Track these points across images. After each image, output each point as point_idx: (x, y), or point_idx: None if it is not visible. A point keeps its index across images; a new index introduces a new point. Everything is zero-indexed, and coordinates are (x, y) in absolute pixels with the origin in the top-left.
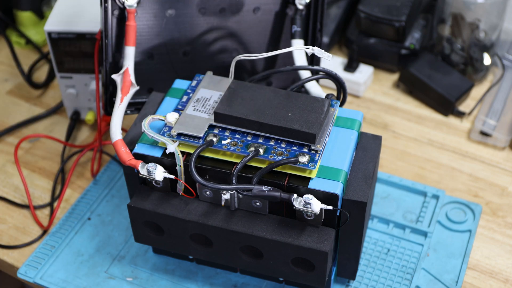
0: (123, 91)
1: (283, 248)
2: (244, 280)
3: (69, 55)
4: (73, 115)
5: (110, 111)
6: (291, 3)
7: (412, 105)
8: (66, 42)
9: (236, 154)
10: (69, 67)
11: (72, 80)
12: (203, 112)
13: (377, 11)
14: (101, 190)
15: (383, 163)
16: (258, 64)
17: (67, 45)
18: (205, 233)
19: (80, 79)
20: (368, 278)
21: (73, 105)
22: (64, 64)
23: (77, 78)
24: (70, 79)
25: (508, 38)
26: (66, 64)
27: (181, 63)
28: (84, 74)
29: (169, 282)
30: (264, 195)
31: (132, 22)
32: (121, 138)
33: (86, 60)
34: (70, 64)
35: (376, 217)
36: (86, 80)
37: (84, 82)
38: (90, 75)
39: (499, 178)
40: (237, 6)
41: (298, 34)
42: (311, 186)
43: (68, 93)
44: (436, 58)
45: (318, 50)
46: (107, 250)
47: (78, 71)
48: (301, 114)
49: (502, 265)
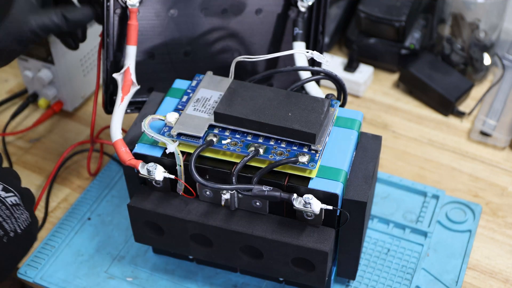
0: (123, 90)
1: (283, 248)
2: (244, 280)
3: None
4: (30, 97)
5: (110, 110)
6: (294, 6)
7: (412, 105)
8: None
9: (236, 154)
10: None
11: (28, 63)
12: (203, 112)
13: (377, 11)
14: (101, 190)
15: (383, 163)
16: (259, 65)
17: None
18: (205, 233)
19: (34, 64)
20: (368, 278)
21: (31, 87)
22: None
23: (32, 63)
24: (26, 62)
25: (508, 38)
26: None
27: (182, 63)
28: (37, 60)
29: (169, 282)
30: (264, 195)
31: (134, 21)
32: (121, 138)
33: (37, 47)
34: None
35: (376, 217)
36: (39, 66)
37: (37, 68)
38: (42, 63)
39: (499, 178)
40: (239, 7)
41: (300, 36)
42: (311, 186)
43: (25, 75)
44: (436, 58)
45: (317, 55)
46: (107, 250)
47: (31, 56)
48: (301, 114)
49: (502, 265)
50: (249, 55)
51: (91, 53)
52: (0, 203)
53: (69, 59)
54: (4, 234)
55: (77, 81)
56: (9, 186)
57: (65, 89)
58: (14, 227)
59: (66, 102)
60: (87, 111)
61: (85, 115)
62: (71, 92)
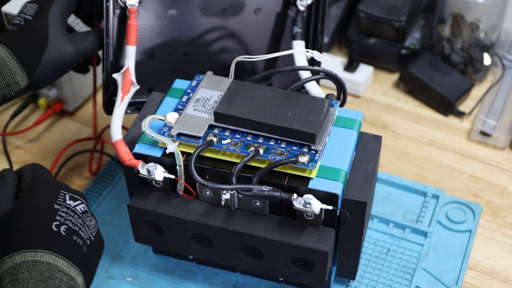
0: (123, 90)
1: (283, 248)
2: (244, 280)
3: None
4: (30, 97)
5: (110, 111)
6: (293, 5)
7: (412, 105)
8: None
9: (236, 154)
10: None
11: None
12: (203, 112)
13: (377, 11)
14: (101, 190)
15: (383, 163)
16: (259, 65)
17: None
18: (205, 233)
19: None
20: (368, 278)
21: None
22: None
23: None
24: None
25: (508, 38)
26: None
27: (181, 63)
28: None
29: (169, 282)
30: (264, 195)
31: (134, 21)
32: (121, 138)
33: None
34: None
35: (376, 217)
36: None
37: None
38: None
39: (499, 178)
40: (238, 7)
41: (299, 35)
42: (311, 186)
43: None
44: (436, 58)
45: (317, 54)
46: (107, 250)
47: None
48: (301, 114)
49: (502, 265)
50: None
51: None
52: (72, 212)
53: None
54: (83, 243)
55: (77, 81)
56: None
57: (65, 89)
58: (89, 234)
59: (66, 102)
60: (87, 111)
61: (85, 115)
62: (71, 92)
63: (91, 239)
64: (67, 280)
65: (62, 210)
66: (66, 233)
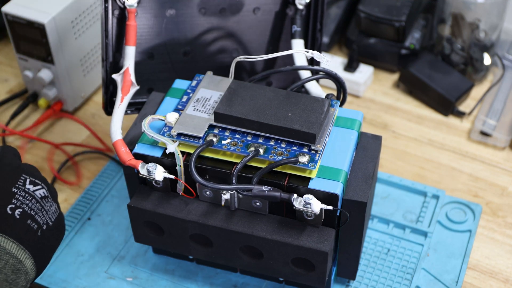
0: (123, 90)
1: (283, 248)
2: (244, 280)
3: (24, 39)
4: (30, 97)
5: (110, 111)
6: (291, 3)
7: (412, 105)
8: (20, 26)
9: (236, 154)
10: (24, 50)
11: (28, 63)
12: (203, 112)
13: (377, 11)
14: (101, 190)
15: (383, 163)
16: (258, 64)
17: (21, 29)
18: (205, 233)
19: (34, 64)
20: (368, 278)
21: (31, 87)
22: (20, 46)
23: (32, 63)
24: (26, 62)
25: (508, 38)
26: (22, 46)
27: (181, 63)
28: (37, 60)
29: (169, 282)
30: (264, 195)
31: (133, 22)
32: (121, 138)
33: (37, 47)
34: (25, 47)
35: (376, 217)
36: (39, 66)
37: (37, 68)
38: (42, 63)
39: (499, 178)
40: (237, 6)
41: (298, 34)
42: (311, 186)
43: (25, 75)
44: (436, 58)
45: (317, 54)
46: (107, 250)
47: (31, 56)
48: (301, 114)
49: (502, 265)
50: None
51: (91, 53)
52: (30, 196)
53: (69, 59)
54: (38, 227)
55: (77, 81)
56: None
57: (65, 89)
58: (46, 219)
59: (66, 102)
60: (87, 111)
61: (85, 115)
62: (71, 92)
63: (48, 224)
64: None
65: (19, 193)
66: (21, 217)
